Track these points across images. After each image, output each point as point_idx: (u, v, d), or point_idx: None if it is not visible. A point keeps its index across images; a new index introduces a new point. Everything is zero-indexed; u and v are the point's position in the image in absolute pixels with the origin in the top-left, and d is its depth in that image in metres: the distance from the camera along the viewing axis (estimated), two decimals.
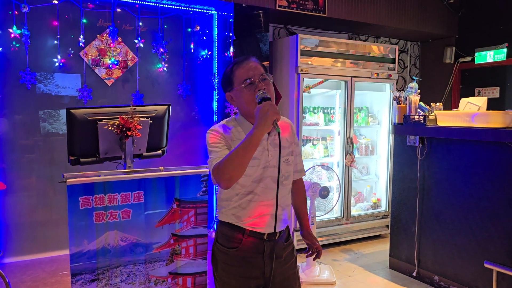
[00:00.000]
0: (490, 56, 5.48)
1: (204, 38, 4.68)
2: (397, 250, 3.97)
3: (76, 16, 4.05)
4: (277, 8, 4.48)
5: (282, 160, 1.79)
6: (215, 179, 1.63)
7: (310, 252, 2.06)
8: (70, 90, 4.13)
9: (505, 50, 5.34)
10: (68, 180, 2.24)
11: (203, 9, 4.59)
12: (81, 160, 2.60)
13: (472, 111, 3.48)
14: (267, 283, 1.80)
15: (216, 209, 4.92)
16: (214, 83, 4.63)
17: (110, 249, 2.37)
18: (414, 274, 3.75)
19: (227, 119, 1.86)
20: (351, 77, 4.66)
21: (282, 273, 1.85)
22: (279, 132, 1.60)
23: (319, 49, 4.51)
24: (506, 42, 5.34)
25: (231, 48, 4.48)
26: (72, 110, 2.51)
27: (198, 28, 4.53)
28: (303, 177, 2.09)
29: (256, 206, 1.77)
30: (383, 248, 4.59)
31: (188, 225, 2.58)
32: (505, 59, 5.35)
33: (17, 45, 3.83)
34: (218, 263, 1.85)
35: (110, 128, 2.52)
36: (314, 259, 2.07)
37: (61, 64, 3.99)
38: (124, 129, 2.52)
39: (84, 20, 4.05)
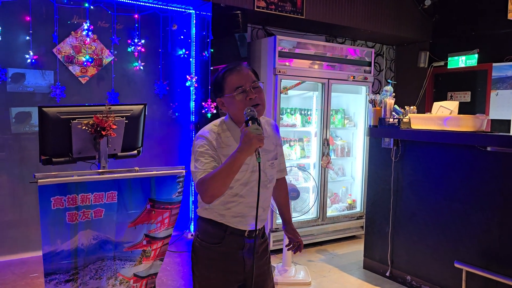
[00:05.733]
0: (462, 61, 5.63)
1: (182, 37, 4.64)
2: (371, 250, 4.03)
3: (49, 11, 3.95)
4: (256, 9, 4.48)
5: (268, 165, 1.87)
6: (199, 193, 1.70)
7: (292, 245, 2.12)
8: (42, 87, 4.03)
9: (476, 55, 5.49)
10: (39, 181, 2.18)
11: (181, 8, 4.55)
12: (54, 159, 2.54)
13: (445, 114, 3.57)
14: (247, 278, 1.86)
15: (196, 206, 4.88)
16: (192, 82, 4.59)
17: (84, 249, 2.32)
18: (388, 274, 3.82)
19: (216, 122, 1.86)
20: (328, 79, 4.71)
21: (258, 268, 1.91)
22: (259, 163, 1.62)
23: (297, 50, 4.54)
24: (478, 48, 5.50)
25: (209, 47, 4.46)
26: (44, 109, 2.44)
27: (175, 27, 4.48)
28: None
29: (241, 207, 1.82)
30: (357, 248, 4.65)
31: (162, 227, 2.54)
32: (476, 65, 5.50)
33: None
34: (198, 258, 1.89)
35: (84, 127, 2.47)
36: (294, 252, 2.13)
37: (33, 60, 3.88)
38: (98, 129, 2.47)
39: (58, 16, 3.96)
